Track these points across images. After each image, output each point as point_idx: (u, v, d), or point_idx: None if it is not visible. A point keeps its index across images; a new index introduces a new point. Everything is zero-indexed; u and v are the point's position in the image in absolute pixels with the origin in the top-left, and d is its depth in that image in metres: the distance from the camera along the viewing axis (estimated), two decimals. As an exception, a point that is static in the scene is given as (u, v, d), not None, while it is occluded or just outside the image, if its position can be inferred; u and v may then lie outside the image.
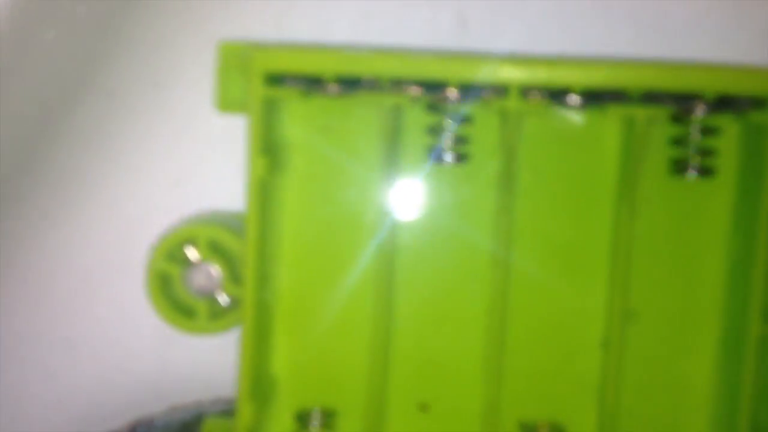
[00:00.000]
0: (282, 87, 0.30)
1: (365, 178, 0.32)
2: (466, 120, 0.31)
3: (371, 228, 0.32)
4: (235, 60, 0.31)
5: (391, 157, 0.31)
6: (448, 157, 0.31)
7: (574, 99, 0.29)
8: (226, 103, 0.31)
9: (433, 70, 0.29)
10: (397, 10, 0.33)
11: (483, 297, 0.32)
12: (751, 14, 0.32)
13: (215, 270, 0.32)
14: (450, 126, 0.30)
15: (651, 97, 0.29)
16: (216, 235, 0.32)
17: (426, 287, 0.33)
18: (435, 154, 0.31)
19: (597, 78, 0.29)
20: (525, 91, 0.29)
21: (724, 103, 0.29)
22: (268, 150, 0.30)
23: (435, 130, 0.31)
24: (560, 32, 0.32)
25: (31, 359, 0.35)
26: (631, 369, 0.32)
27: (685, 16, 0.32)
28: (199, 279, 0.32)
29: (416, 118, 0.32)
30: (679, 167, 0.31)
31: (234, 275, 0.32)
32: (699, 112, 0.29)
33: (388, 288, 0.32)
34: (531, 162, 0.31)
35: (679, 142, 0.31)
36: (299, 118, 0.32)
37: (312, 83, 0.30)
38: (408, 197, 0.32)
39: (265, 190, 0.30)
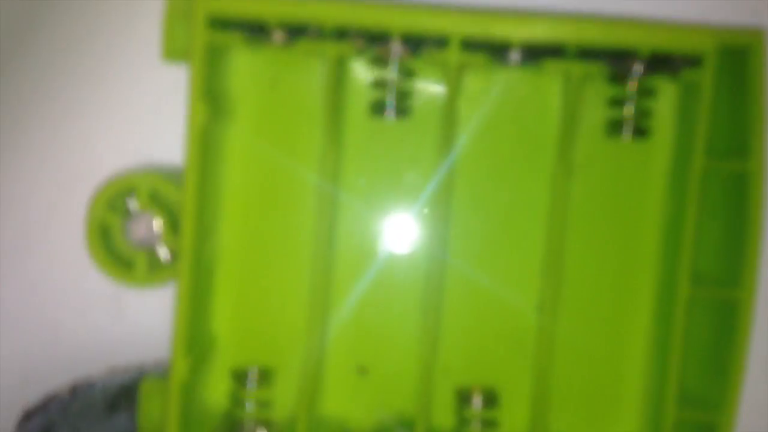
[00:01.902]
0: (226, 32, 0.30)
1: (310, 131, 0.32)
2: (409, 74, 0.31)
3: (314, 184, 0.32)
4: (182, 7, 0.31)
5: (336, 111, 0.31)
6: (391, 112, 0.31)
7: (513, 56, 0.30)
8: (172, 52, 0.31)
9: (377, 18, 0.29)
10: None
11: (421, 259, 0.32)
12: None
13: (156, 222, 0.32)
14: (393, 80, 0.31)
15: (588, 53, 0.30)
16: (157, 184, 0.32)
17: (365, 247, 0.33)
18: (378, 108, 0.31)
19: (535, 31, 0.29)
20: (466, 44, 0.30)
21: (660, 62, 0.30)
22: (211, 98, 0.30)
23: (379, 84, 0.31)
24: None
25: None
26: (565, 332, 0.32)
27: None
28: (139, 230, 0.32)
29: (360, 72, 0.32)
30: (614, 128, 0.31)
31: (175, 228, 0.32)
32: (636, 71, 0.30)
33: (328, 247, 0.32)
34: (471, 119, 0.32)
35: (616, 102, 0.31)
36: (244, 69, 0.32)
37: (257, 30, 0.30)
38: (350, 152, 0.32)
39: (206, 138, 0.30)
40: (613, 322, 0.33)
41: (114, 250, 0.32)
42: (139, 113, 0.34)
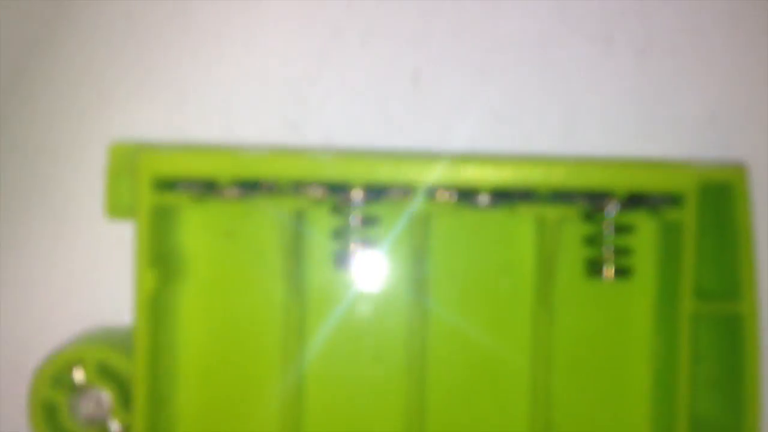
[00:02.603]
0: (173, 192, 0.28)
1: (268, 285, 0.30)
2: (372, 221, 0.30)
3: (276, 337, 0.30)
4: (126, 163, 0.29)
5: (295, 262, 0.30)
6: (356, 263, 0.29)
7: (483, 199, 0.28)
8: (116, 209, 0.29)
9: (335, 172, 0.28)
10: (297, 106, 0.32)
11: (398, 409, 0.30)
12: (661, 109, 0.31)
13: (105, 395, 0.30)
14: (355, 229, 0.29)
15: (561, 196, 0.28)
16: (105, 356, 0.30)
17: (337, 400, 0.31)
18: (341, 259, 0.30)
19: (505, 176, 0.28)
20: (432, 190, 0.28)
21: (637, 200, 0.28)
22: (160, 260, 0.29)
23: (340, 233, 0.30)
24: (471, 130, 0.31)
25: None
26: None
27: (595, 112, 0.31)
28: (87, 406, 0.30)
29: (320, 220, 0.30)
30: (594, 268, 0.30)
31: (127, 401, 0.29)
32: (611, 210, 0.29)
33: (297, 404, 0.30)
34: (443, 263, 0.30)
35: (592, 241, 0.30)
36: (196, 224, 0.30)
37: (207, 187, 0.28)
38: (314, 305, 0.30)
39: (156, 304, 0.29)
40: None
41: (60, 429, 0.30)
42: (83, 273, 0.32)
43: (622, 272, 0.30)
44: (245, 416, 0.31)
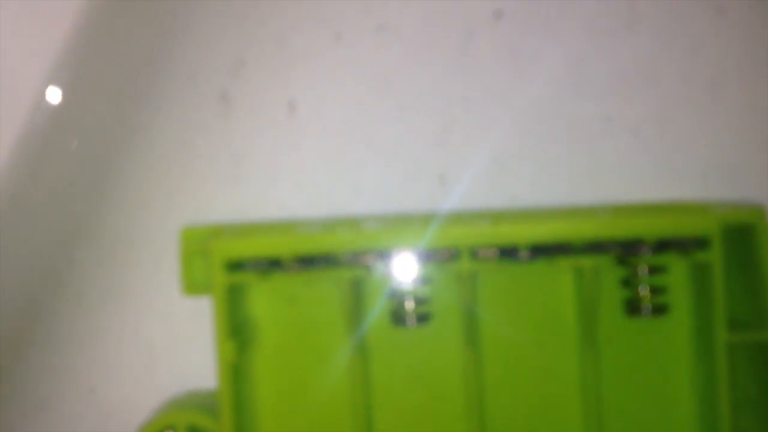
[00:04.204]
0: (243, 271, 0.31)
1: (333, 346, 0.33)
2: (424, 282, 0.32)
3: (345, 395, 0.32)
4: (197, 244, 0.32)
5: (356, 324, 0.32)
6: (411, 320, 0.32)
7: (523, 254, 0.30)
8: (192, 287, 0.32)
9: (388, 242, 0.30)
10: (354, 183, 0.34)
11: None
12: (682, 154, 0.33)
13: (197, 454, 0.32)
14: (409, 290, 0.32)
15: (596, 246, 0.30)
16: (194, 419, 0.32)
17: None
18: (398, 317, 0.32)
19: (542, 233, 0.30)
20: (475, 250, 0.30)
21: (666, 245, 0.30)
22: (236, 331, 0.31)
23: (396, 293, 0.32)
24: (498, 190, 0.34)
25: None
26: None
27: (618, 160, 0.34)
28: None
29: (376, 284, 0.33)
30: (632, 308, 0.32)
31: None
32: (643, 254, 0.30)
33: None
34: (491, 316, 0.32)
35: (628, 282, 0.32)
36: (263, 296, 0.33)
37: (271, 264, 0.31)
38: (377, 362, 0.33)
39: (235, 371, 0.31)
40: None
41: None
42: (166, 345, 0.35)
43: (658, 310, 0.31)
44: None
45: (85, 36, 0.31)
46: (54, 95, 0.31)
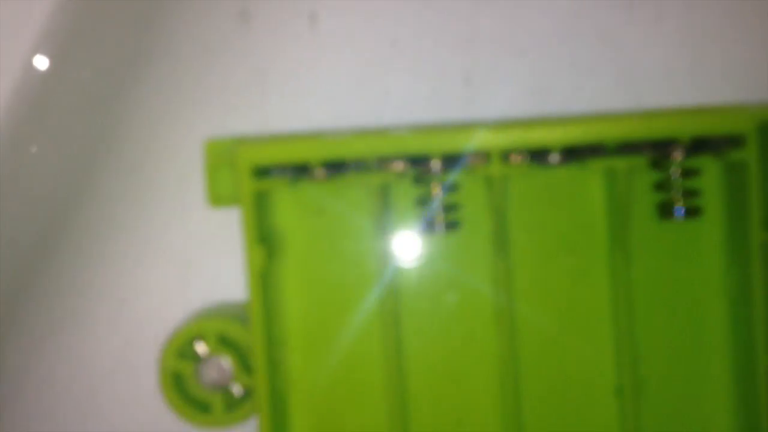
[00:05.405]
0: (270, 178, 0.31)
1: (360, 255, 0.33)
2: (453, 188, 0.32)
3: (373, 304, 0.32)
4: (222, 156, 0.32)
5: (384, 232, 0.32)
6: (440, 226, 0.32)
7: (554, 157, 0.30)
8: (217, 198, 0.32)
9: (414, 146, 0.30)
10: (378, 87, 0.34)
11: (492, 356, 0.32)
12: (713, 55, 0.33)
13: (226, 362, 0.33)
14: (438, 196, 0.31)
15: (629, 147, 0.30)
16: (223, 328, 0.32)
17: (435, 355, 0.33)
18: (426, 224, 0.32)
19: (574, 135, 0.30)
20: (506, 155, 0.30)
21: (700, 145, 0.30)
22: (264, 239, 0.31)
23: (423, 201, 0.32)
24: (535, 94, 0.33)
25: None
26: (647, 412, 0.32)
27: (651, 64, 0.33)
28: (210, 373, 0.33)
29: (404, 191, 0.32)
30: (664, 211, 0.31)
31: (245, 365, 0.32)
32: (677, 156, 0.30)
33: (397, 360, 0.32)
34: (521, 221, 0.32)
35: (661, 186, 0.31)
36: (290, 206, 0.33)
37: (299, 171, 0.30)
38: (404, 269, 0.33)
39: (264, 279, 0.31)
40: (693, 398, 0.33)
41: (189, 395, 0.33)
42: (194, 257, 0.35)
43: (692, 212, 0.31)
44: (349, 376, 0.33)
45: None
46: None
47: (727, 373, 0.32)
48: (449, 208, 0.32)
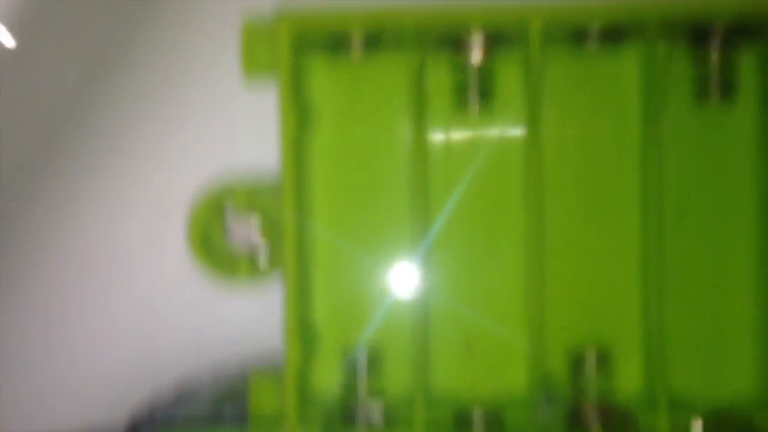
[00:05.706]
0: (307, 52, 0.31)
1: (394, 130, 0.33)
2: (489, 65, 0.31)
3: (402, 184, 0.33)
4: (258, 28, 0.31)
5: (418, 106, 0.32)
6: (474, 104, 0.32)
7: (592, 39, 0.30)
8: (252, 70, 0.32)
9: (455, 17, 0.30)
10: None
11: (519, 233, 0.33)
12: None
13: (254, 222, 0.33)
14: (474, 77, 0.31)
15: (668, 30, 0.30)
16: (252, 188, 0.33)
17: (462, 231, 0.33)
18: (461, 101, 0.32)
19: (615, 14, 0.29)
20: (544, 35, 0.30)
21: (740, 30, 0.30)
22: (298, 109, 0.31)
23: (460, 77, 0.32)
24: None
25: (75, 325, 0.36)
26: (672, 288, 0.32)
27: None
28: (238, 231, 0.34)
29: (440, 77, 0.32)
30: (700, 93, 0.31)
31: (272, 225, 0.33)
32: (717, 39, 0.30)
33: (422, 236, 0.33)
34: (555, 105, 0.32)
35: (699, 69, 0.31)
36: (325, 79, 0.33)
37: (335, 46, 0.30)
38: (437, 147, 0.33)
39: (297, 153, 0.31)
40: (718, 279, 0.33)
41: (216, 252, 0.34)
42: (227, 125, 0.35)
43: (727, 93, 0.31)
44: (372, 248, 0.34)
45: None
46: None
47: (753, 257, 0.33)
48: (484, 85, 0.32)
